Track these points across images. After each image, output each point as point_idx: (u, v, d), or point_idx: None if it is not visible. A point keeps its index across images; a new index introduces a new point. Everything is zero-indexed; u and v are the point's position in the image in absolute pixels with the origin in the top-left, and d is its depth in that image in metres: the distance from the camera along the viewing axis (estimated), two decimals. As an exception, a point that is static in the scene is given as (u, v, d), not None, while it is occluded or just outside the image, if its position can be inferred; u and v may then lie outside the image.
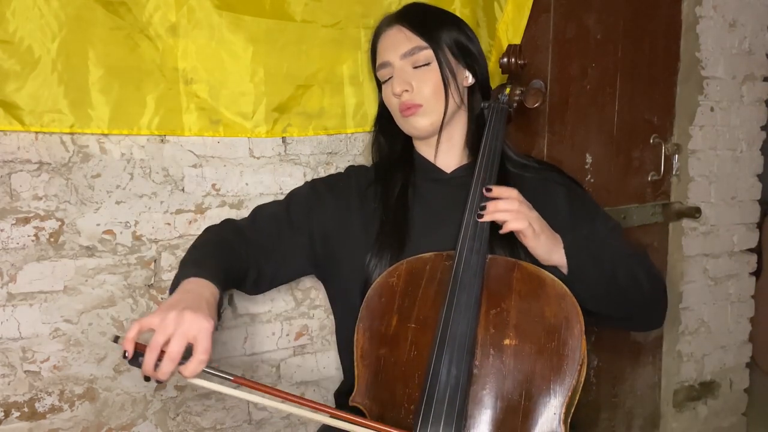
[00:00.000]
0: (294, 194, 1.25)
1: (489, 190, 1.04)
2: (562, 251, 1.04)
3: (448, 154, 1.21)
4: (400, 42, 1.16)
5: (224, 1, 1.26)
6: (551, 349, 0.93)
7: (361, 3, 1.37)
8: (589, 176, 1.83)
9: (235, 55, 1.28)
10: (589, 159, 1.82)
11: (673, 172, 1.98)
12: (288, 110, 1.35)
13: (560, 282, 0.99)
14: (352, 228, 1.17)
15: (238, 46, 1.28)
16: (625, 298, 1.08)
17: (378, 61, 1.20)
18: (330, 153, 1.44)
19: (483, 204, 1.02)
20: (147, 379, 0.85)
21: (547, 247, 1.02)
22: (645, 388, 2.06)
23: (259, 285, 1.17)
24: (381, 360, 0.98)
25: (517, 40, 1.57)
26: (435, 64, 1.14)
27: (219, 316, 0.95)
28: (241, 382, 0.87)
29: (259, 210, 1.22)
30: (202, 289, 0.93)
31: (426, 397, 0.91)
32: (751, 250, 2.16)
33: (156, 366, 0.83)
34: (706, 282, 2.08)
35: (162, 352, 0.83)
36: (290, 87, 1.34)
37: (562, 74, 1.73)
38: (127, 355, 0.84)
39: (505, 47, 1.39)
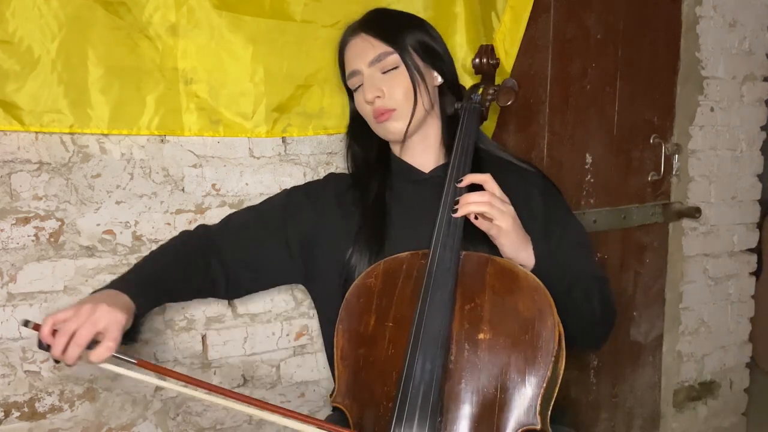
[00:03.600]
0: (268, 203, 1.26)
1: (460, 181, 1.05)
2: (530, 251, 1.04)
3: (424, 155, 1.22)
4: (366, 50, 1.16)
5: (224, 1, 1.26)
6: (525, 341, 0.93)
7: (361, 3, 1.37)
8: (589, 176, 1.83)
9: (235, 55, 1.28)
10: (589, 159, 1.82)
11: (673, 172, 1.98)
12: (288, 110, 1.35)
13: (533, 275, 0.99)
14: (331, 232, 1.18)
15: (238, 46, 1.28)
16: (573, 314, 1.05)
17: (347, 71, 1.21)
18: (330, 153, 1.44)
19: (456, 199, 1.03)
20: (57, 361, 0.92)
21: (516, 245, 1.02)
22: (645, 388, 2.06)
23: (230, 291, 1.21)
24: (360, 360, 0.99)
25: (514, 50, 1.57)
26: (403, 68, 1.15)
27: (138, 329, 1.01)
28: (144, 365, 0.91)
29: (230, 218, 1.23)
30: (121, 295, 0.98)
31: (401, 393, 0.91)
32: (751, 250, 2.16)
33: (65, 350, 0.89)
34: (706, 282, 2.07)
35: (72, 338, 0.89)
36: (290, 87, 1.34)
37: (562, 74, 1.73)
38: (43, 345, 0.90)
39: (501, 57, 1.39)
